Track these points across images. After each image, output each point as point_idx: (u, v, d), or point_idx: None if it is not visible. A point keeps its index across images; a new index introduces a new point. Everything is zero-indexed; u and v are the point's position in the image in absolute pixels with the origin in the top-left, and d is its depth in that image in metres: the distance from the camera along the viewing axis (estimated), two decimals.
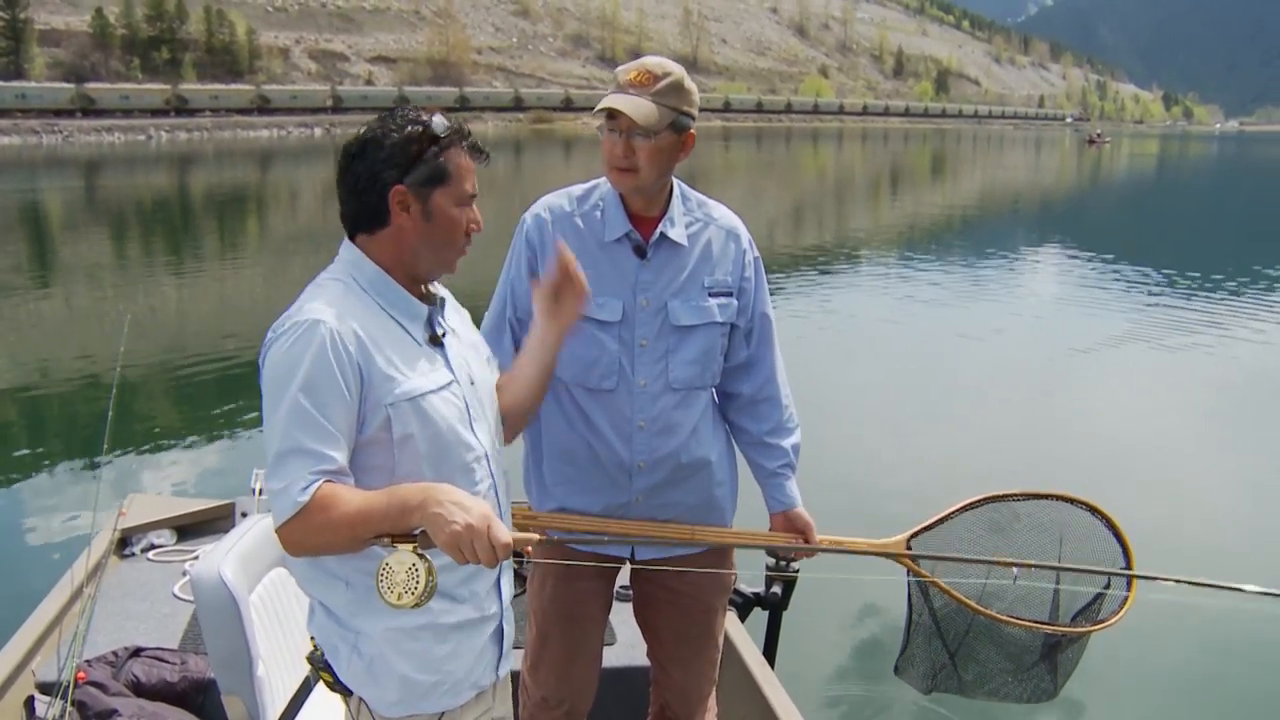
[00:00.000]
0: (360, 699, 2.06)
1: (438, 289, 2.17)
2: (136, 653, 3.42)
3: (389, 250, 2.04)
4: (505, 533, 1.82)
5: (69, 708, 2.92)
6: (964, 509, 3.00)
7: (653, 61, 2.53)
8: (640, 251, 2.63)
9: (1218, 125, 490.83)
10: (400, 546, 1.84)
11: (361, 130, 2.03)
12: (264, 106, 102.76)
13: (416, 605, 1.82)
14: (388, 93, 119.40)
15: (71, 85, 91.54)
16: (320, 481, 1.86)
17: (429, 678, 2.05)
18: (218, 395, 10.33)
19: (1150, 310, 15.81)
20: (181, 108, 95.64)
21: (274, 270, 18.84)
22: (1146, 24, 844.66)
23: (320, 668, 2.09)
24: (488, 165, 2.09)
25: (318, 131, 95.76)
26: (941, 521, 2.99)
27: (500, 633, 2.19)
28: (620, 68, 2.56)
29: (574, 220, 2.66)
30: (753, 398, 2.82)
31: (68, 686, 2.89)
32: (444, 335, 2.11)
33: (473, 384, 2.13)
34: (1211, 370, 12.10)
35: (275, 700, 2.69)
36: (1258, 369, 12.31)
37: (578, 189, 2.72)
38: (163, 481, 6.97)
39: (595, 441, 2.65)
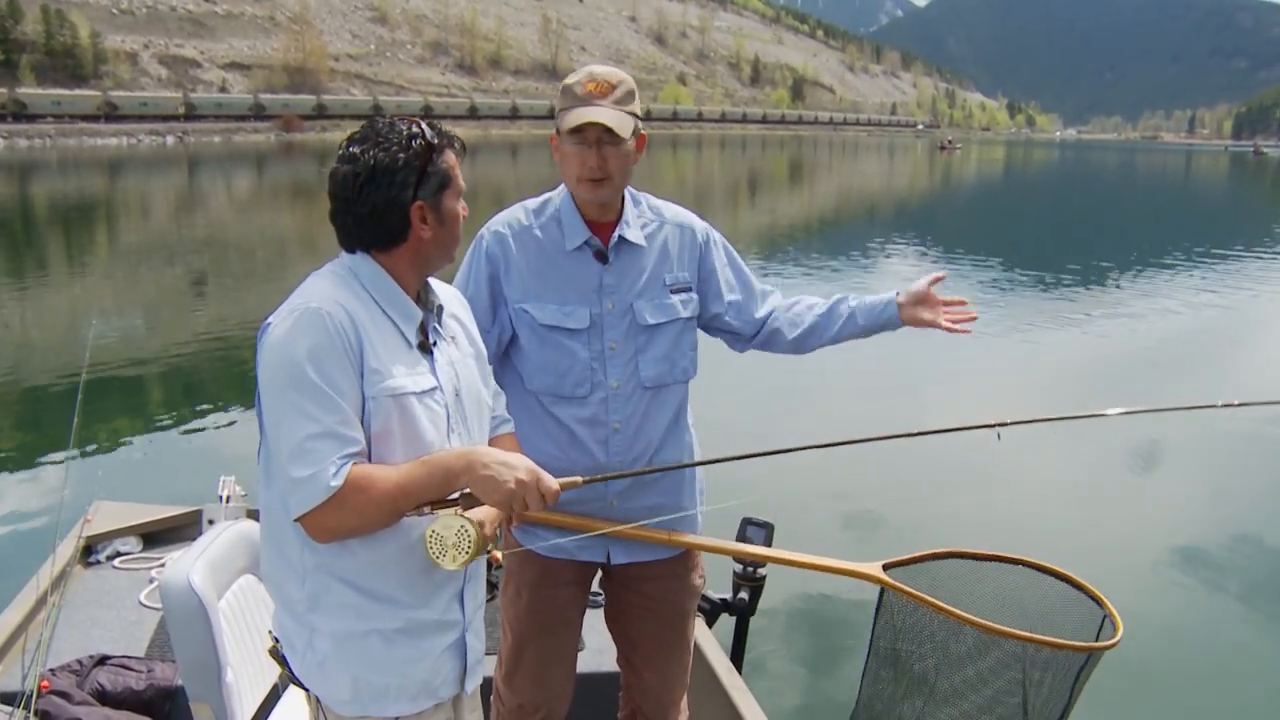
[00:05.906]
0: (316, 696, 2.10)
1: (435, 296, 2.18)
2: (102, 661, 3.41)
3: (404, 261, 2.06)
4: (552, 481, 2.03)
5: (31, 717, 2.88)
6: (933, 556, 2.96)
7: (600, 70, 2.56)
8: (602, 256, 2.66)
9: (1058, 133, 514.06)
10: (441, 513, 1.97)
11: (351, 151, 2.01)
12: (112, 114, 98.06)
13: (470, 561, 1.97)
14: (243, 100, 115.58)
15: None
16: (350, 464, 1.89)
17: (380, 679, 2.06)
18: (186, 401, 10.21)
19: (1008, 303, 16.72)
20: (20, 113, 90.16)
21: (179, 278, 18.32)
22: (990, 36, 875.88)
23: (278, 661, 2.14)
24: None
25: (170, 140, 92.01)
26: (914, 562, 2.96)
27: (463, 644, 2.17)
28: (571, 80, 2.58)
29: (533, 233, 2.68)
30: (765, 319, 2.91)
31: (30, 696, 2.84)
32: (435, 343, 2.12)
33: (458, 395, 2.13)
34: (1065, 354, 12.89)
35: (244, 707, 2.73)
36: (1108, 350, 13.22)
37: (532, 202, 2.74)
38: (128, 488, 6.79)
39: (573, 449, 2.66)
